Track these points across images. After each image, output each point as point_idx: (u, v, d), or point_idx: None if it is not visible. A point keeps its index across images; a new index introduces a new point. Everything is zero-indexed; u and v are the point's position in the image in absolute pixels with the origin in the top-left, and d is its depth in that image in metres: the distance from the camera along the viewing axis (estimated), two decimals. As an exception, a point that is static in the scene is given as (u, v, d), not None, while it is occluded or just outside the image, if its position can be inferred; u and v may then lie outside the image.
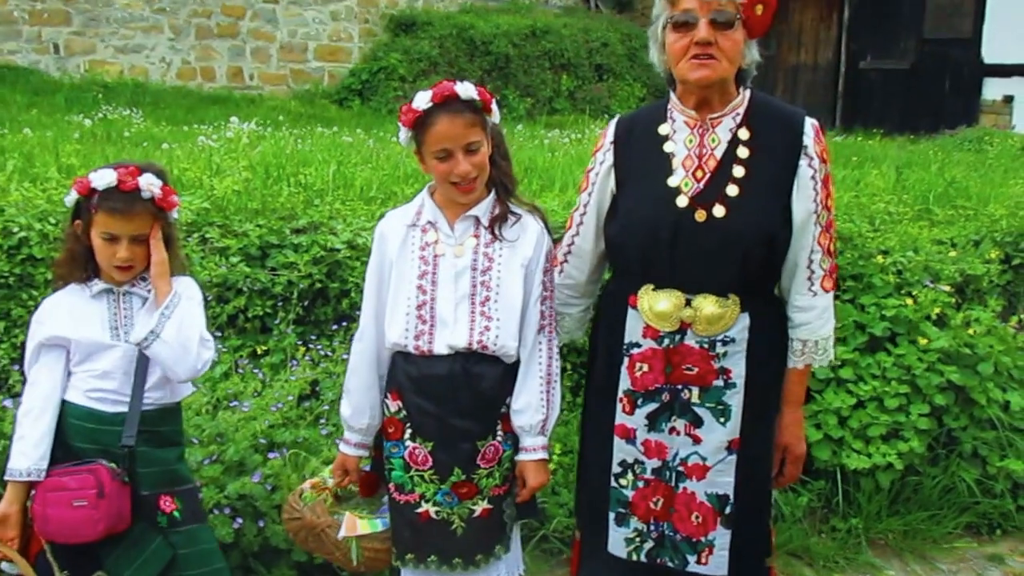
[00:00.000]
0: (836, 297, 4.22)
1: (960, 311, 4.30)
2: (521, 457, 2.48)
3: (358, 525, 2.56)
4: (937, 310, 4.19)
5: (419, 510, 2.47)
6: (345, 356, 3.72)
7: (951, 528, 4.03)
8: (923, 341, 4.10)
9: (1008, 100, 14.28)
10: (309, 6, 13.44)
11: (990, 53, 14.43)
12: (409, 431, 2.47)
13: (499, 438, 2.47)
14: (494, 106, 2.41)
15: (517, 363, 2.47)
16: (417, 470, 2.46)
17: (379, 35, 13.94)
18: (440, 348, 2.40)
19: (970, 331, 4.19)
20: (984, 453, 4.09)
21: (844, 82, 15.91)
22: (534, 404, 2.44)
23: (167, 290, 2.40)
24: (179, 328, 2.37)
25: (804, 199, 2.36)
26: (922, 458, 4.03)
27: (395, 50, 13.27)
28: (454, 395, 2.41)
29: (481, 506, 2.47)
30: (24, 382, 2.45)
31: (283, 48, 13.32)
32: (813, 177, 2.36)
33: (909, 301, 4.18)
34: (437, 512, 2.46)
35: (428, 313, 2.41)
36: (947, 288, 4.29)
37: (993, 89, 14.46)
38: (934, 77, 14.89)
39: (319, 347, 3.93)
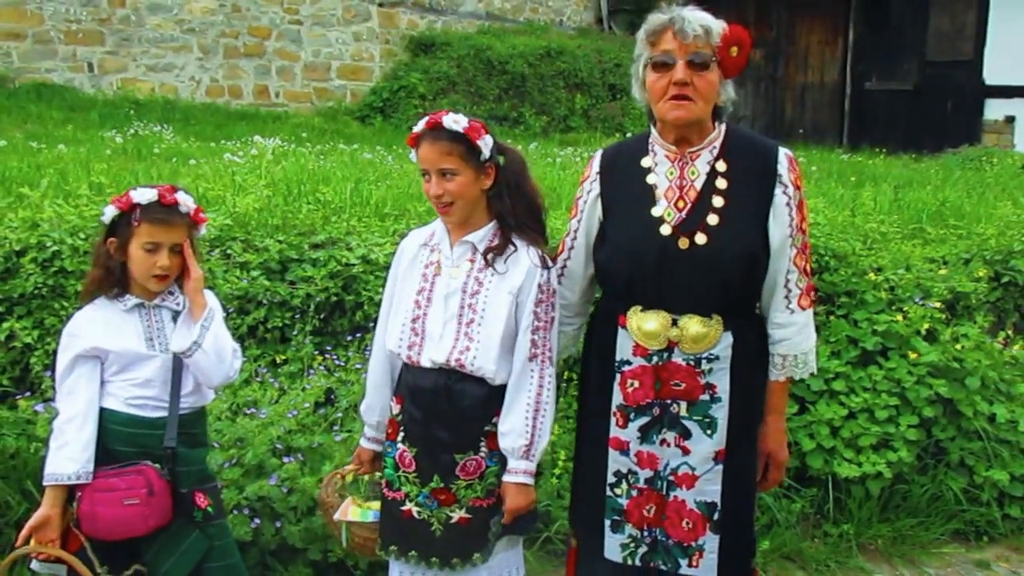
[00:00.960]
0: (831, 313, 4.41)
1: (949, 327, 4.44)
2: (504, 479, 2.57)
3: (349, 512, 2.76)
4: (927, 326, 4.32)
5: (403, 507, 2.62)
6: (359, 366, 3.93)
7: (939, 534, 4.16)
8: (913, 355, 4.23)
9: (1010, 120, 14.46)
10: (332, 27, 13.75)
11: (992, 75, 14.62)
12: (402, 434, 2.64)
13: (482, 454, 2.58)
14: (482, 142, 2.51)
15: (505, 386, 2.56)
16: (404, 471, 2.62)
17: (399, 55, 14.24)
18: (425, 361, 2.56)
19: (958, 346, 4.32)
20: (971, 463, 4.22)
21: (850, 102, 16.17)
22: (518, 429, 2.52)
23: (204, 303, 2.61)
24: (215, 339, 2.59)
25: (780, 224, 2.49)
26: (911, 467, 4.16)
27: (415, 69, 13.56)
28: (437, 408, 2.56)
29: (459, 514, 2.58)
30: (56, 390, 2.61)
31: (307, 67, 13.62)
32: (788, 204, 2.49)
33: (900, 317, 4.32)
34: (419, 512, 2.60)
35: (420, 327, 2.58)
36: (937, 305, 4.43)
37: (995, 109, 14.65)
38: (937, 98, 15.11)
39: (335, 357, 4.09)
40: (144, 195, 2.54)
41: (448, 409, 2.55)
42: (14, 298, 3.90)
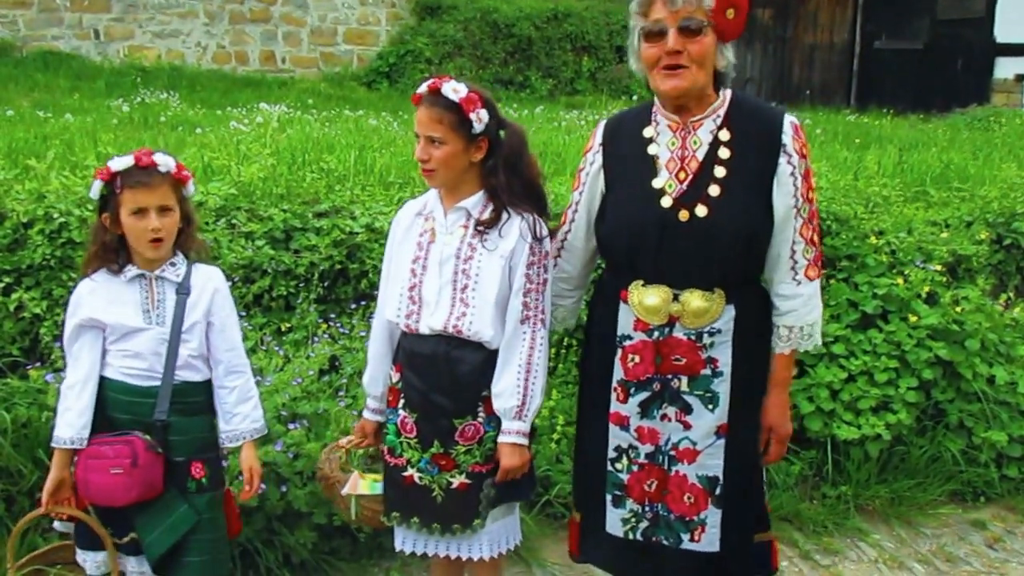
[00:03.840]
0: (831, 277, 4.42)
1: (950, 290, 4.44)
2: (498, 439, 2.60)
3: (359, 485, 2.79)
4: (927, 289, 4.33)
5: (405, 474, 2.66)
6: (363, 333, 3.98)
7: (936, 495, 4.20)
8: (913, 318, 4.25)
9: (1020, 79, 14.22)
10: (338, -9, 13.69)
11: (1003, 33, 14.37)
12: (402, 401, 2.67)
13: (480, 419, 2.61)
14: (475, 115, 2.49)
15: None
16: (405, 437, 2.66)
17: (406, 19, 14.13)
18: (423, 328, 2.59)
19: (959, 309, 4.33)
20: (970, 424, 4.25)
21: (859, 62, 15.95)
22: (510, 390, 2.54)
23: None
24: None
25: (784, 195, 2.44)
26: (910, 429, 4.19)
27: (421, 34, 13.47)
28: (435, 374, 2.59)
29: (459, 480, 2.62)
30: (65, 358, 2.68)
31: (313, 32, 13.56)
32: (792, 173, 2.44)
33: (900, 280, 4.33)
34: (420, 478, 2.65)
35: (418, 295, 2.61)
36: (938, 268, 4.43)
37: (1005, 68, 14.41)
38: (947, 57, 14.87)
39: (339, 325, 4.13)
40: (121, 162, 2.57)
41: (446, 375, 2.58)
42: (22, 269, 3.93)
